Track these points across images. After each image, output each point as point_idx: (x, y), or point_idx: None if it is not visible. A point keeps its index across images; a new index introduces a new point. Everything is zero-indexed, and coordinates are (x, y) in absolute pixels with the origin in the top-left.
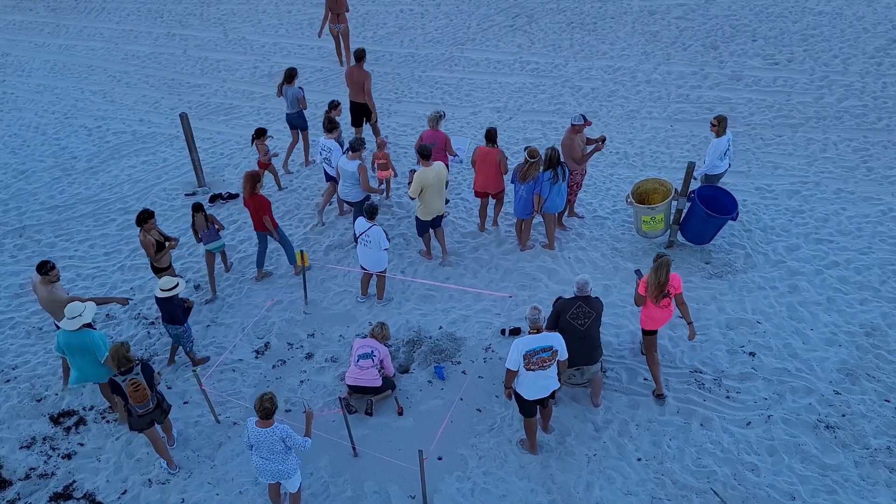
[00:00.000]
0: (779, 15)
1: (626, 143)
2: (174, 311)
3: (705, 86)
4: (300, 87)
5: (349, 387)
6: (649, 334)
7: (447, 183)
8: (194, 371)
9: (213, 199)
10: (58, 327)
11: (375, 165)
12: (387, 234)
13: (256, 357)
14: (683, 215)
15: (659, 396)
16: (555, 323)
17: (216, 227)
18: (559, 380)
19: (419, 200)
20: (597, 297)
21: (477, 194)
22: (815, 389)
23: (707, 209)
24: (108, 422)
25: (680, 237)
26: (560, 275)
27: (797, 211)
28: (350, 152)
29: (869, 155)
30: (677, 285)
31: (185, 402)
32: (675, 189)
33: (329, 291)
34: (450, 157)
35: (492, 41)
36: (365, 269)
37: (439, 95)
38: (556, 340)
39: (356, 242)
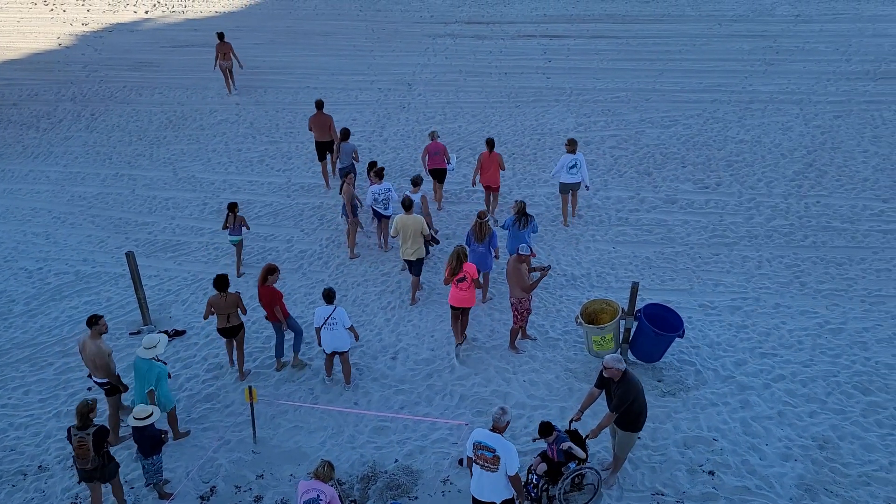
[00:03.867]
0: (704, 143)
1: (573, 266)
2: (145, 441)
3: (643, 209)
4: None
5: None
6: (455, 310)
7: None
8: None
9: None
10: (96, 384)
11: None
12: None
13: (202, 503)
14: (632, 334)
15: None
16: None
17: (241, 226)
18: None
19: (400, 240)
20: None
21: (485, 188)
22: None
23: (654, 327)
24: None
25: (631, 356)
26: (515, 398)
27: (741, 326)
28: (413, 186)
29: (801, 271)
30: (472, 272)
31: None
32: (622, 308)
33: (279, 428)
34: (447, 164)
35: None
36: (327, 353)
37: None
38: (504, 449)
39: (318, 334)
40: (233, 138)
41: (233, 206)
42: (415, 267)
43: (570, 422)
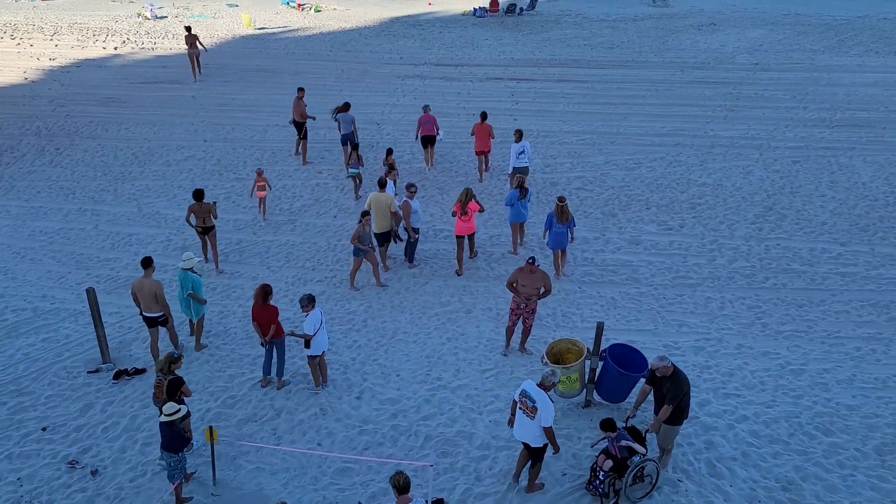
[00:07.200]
0: (667, 186)
1: (539, 305)
2: (173, 438)
3: (608, 250)
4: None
5: None
6: (460, 238)
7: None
8: None
9: (118, 375)
10: (143, 317)
11: (256, 187)
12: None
13: None
14: (597, 374)
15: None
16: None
17: (357, 162)
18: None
19: (372, 215)
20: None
21: (476, 153)
22: None
23: (619, 367)
24: None
25: (596, 396)
26: (480, 439)
27: (704, 367)
28: (408, 191)
29: (762, 312)
30: (474, 207)
31: None
32: (588, 348)
33: (241, 469)
34: (437, 134)
35: None
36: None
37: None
38: (543, 403)
39: (309, 339)
40: (199, 175)
41: (355, 147)
42: (385, 238)
43: (627, 419)
